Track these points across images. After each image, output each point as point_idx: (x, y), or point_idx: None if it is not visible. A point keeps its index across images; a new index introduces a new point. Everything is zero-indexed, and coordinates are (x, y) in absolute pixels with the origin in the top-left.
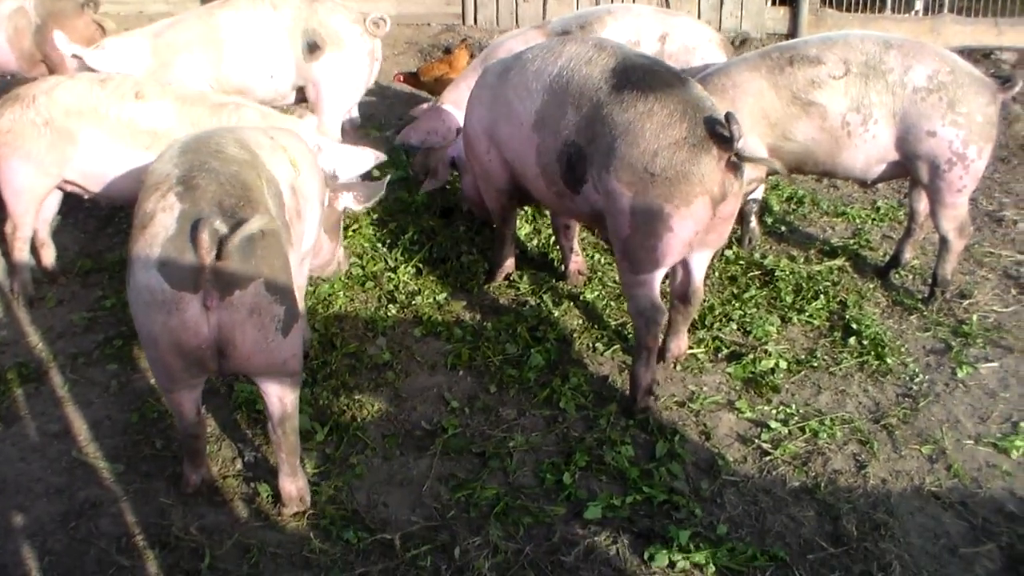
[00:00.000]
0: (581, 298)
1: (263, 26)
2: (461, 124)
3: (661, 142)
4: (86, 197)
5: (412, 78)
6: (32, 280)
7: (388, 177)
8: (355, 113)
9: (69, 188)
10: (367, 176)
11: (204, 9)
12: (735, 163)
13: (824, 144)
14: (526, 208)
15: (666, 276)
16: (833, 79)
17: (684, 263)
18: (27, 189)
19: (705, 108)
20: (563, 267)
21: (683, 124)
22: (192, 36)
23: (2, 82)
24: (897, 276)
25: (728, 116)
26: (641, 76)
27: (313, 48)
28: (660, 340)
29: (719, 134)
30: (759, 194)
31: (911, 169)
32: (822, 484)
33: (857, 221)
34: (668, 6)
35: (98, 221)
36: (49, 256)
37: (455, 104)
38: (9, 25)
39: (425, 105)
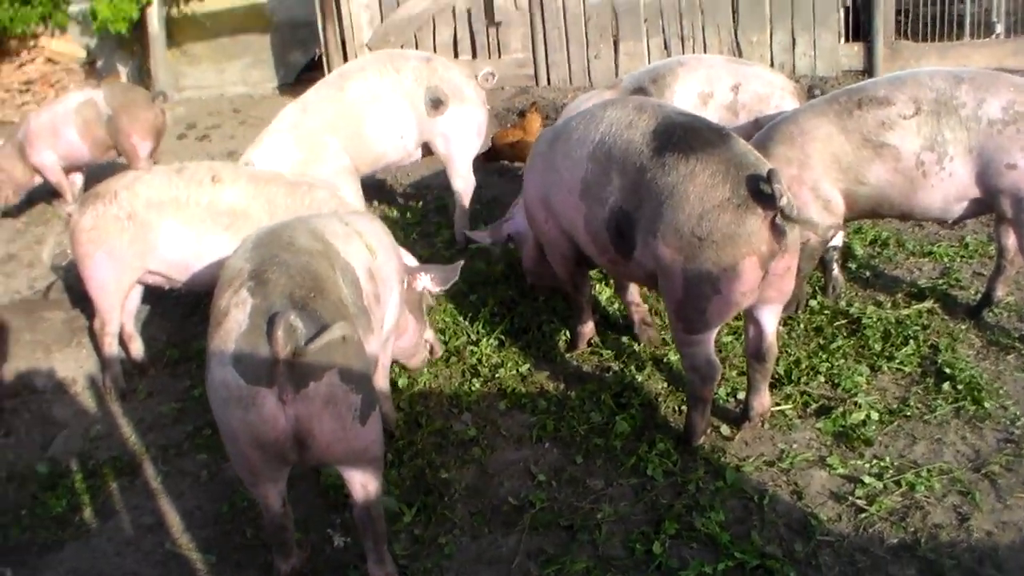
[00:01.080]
0: (664, 361)
1: (391, 91)
2: None
3: (706, 205)
4: (167, 287)
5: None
6: (122, 373)
7: (461, 262)
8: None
9: (152, 279)
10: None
11: (330, 88)
12: (780, 221)
13: (899, 186)
14: (603, 272)
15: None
16: (904, 119)
17: (755, 320)
18: (113, 283)
19: (748, 165)
20: (630, 322)
21: (726, 185)
22: (330, 118)
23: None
24: (991, 315)
25: (771, 173)
26: (682, 136)
27: (437, 104)
28: (714, 392)
29: (762, 192)
30: (839, 240)
31: (994, 204)
32: (922, 540)
33: (945, 260)
34: (740, 53)
35: (184, 309)
36: (137, 348)
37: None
38: (79, 118)
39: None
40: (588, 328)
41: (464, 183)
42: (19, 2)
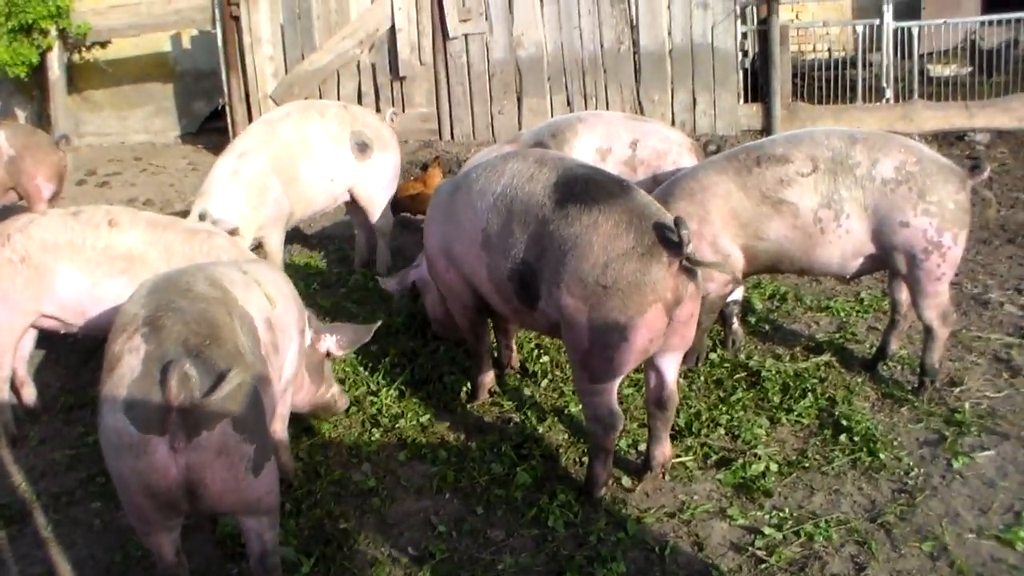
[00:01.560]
0: (566, 412)
1: (319, 135)
2: None
3: (610, 254)
4: (62, 331)
5: None
6: (14, 419)
7: (378, 323)
8: None
9: (47, 323)
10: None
11: (261, 134)
12: (687, 267)
13: (798, 241)
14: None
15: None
16: (802, 176)
17: (656, 368)
18: (5, 327)
19: (651, 215)
20: (499, 359)
21: (630, 234)
22: (269, 160)
23: None
24: (885, 368)
25: (677, 221)
26: (583, 188)
27: (364, 148)
28: (615, 443)
29: (668, 239)
30: (739, 295)
31: (888, 261)
32: None
33: (842, 314)
34: (642, 111)
35: (80, 355)
36: (30, 394)
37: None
38: None
39: None
40: (489, 378)
41: (386, 221)
42: None
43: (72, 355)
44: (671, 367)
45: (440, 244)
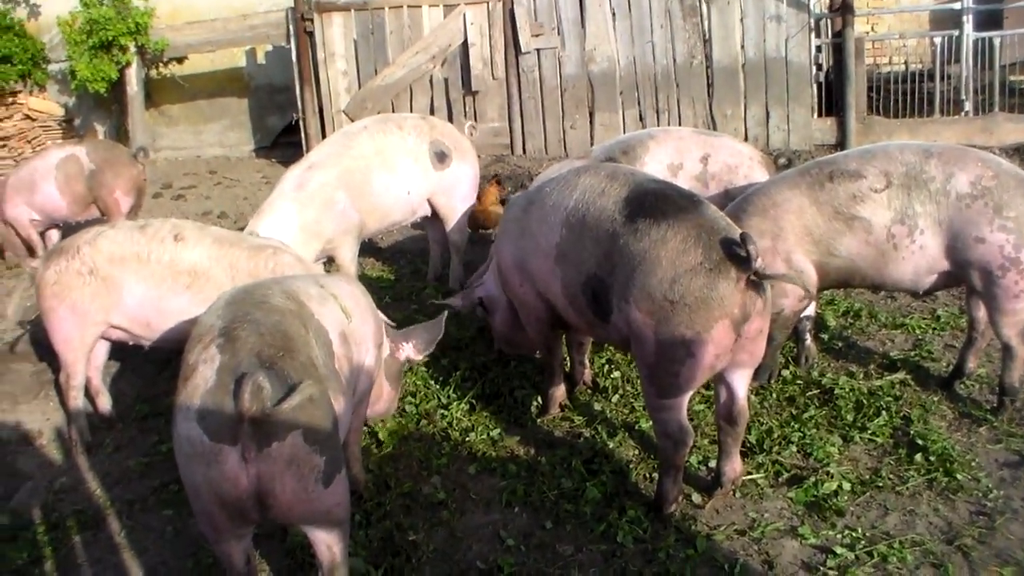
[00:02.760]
0: (636, 427)
1: (396, 147)
2: None
3: (678, 269)
4: (131, 343)
5: None
6: (89, 426)
7: (445, 314)
8: None
9: (116, 335)
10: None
11: (336, 145)
12: (756, 282)
13: (870, 258)
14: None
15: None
16: (875, 192)
17: (726, 384)
18: (76, 338)
19: (719, 230)
20: (570, 374)
21: (698, 249)
22: (338, 173)
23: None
24: (963, 387)
25: (744, 236)
26: (653, 203)
27: (442, 157)
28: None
29: (736, 255)
30: (811, 311)
31: (964, 277)
32: None
33: (917, 332)
34: (714, 126)
35: (155, 366)
36: (104, 402)
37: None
38: (60, 173)
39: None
40: (560, 392)
41: (461, 236)
42: None
43: (148, 365)
44: (741, 383)
45: (514, 259)
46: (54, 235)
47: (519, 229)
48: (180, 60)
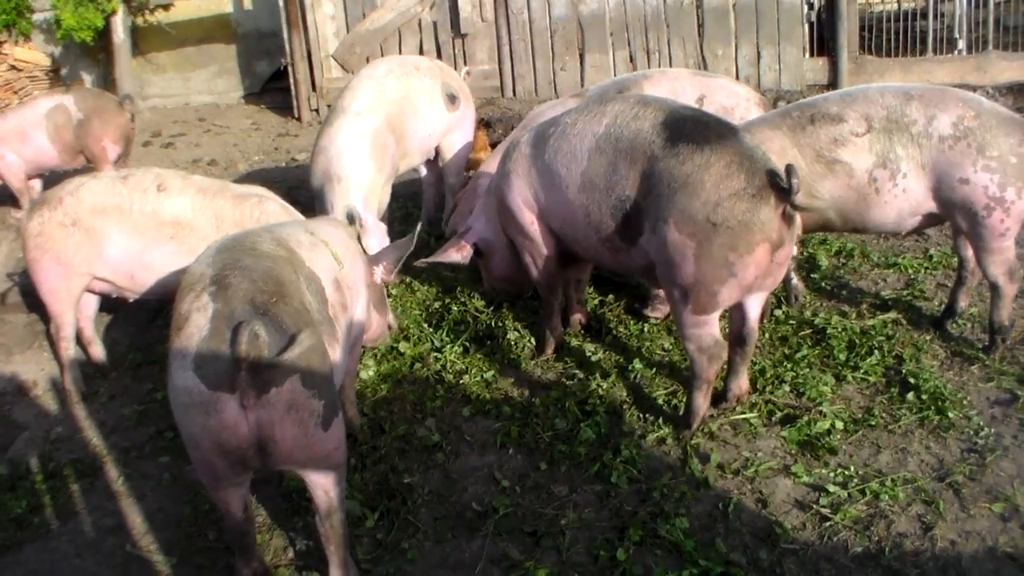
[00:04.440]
0: (630, 368)
1: (417, 89)
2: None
3: (722, 193)
4: (115, 296)
5: None
6: (83, 376)
7: (416, 232)
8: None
9: (100, 286)
10: None
11: (370, 91)
12: (789, 211)
13: (852, 202)
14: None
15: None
16: (856, 136)
17: (740, 306)
18: (62, 289)
19: (759, 158)
20: (565, 315)
21: (741, 175)
22: (383, 118)
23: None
24: (954, 326)
25: (789, 168)
26: (693, 128)
27: (453, 99)
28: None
29: (776, 184)
30: (794, 251)
31: (950, 218)
32: (887, 549)
33: (909, 271)
34: (705, 66)
35: (148, 314)
36: (97, 352)
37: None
38: (49, 123)
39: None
40: (558, 333)
41: (458, 179)
42: None
43: (140, 313)
44: (756, 306)
45: (524, 196)
46: (36, 185)
47: (528, 167)
48: (166, 7)
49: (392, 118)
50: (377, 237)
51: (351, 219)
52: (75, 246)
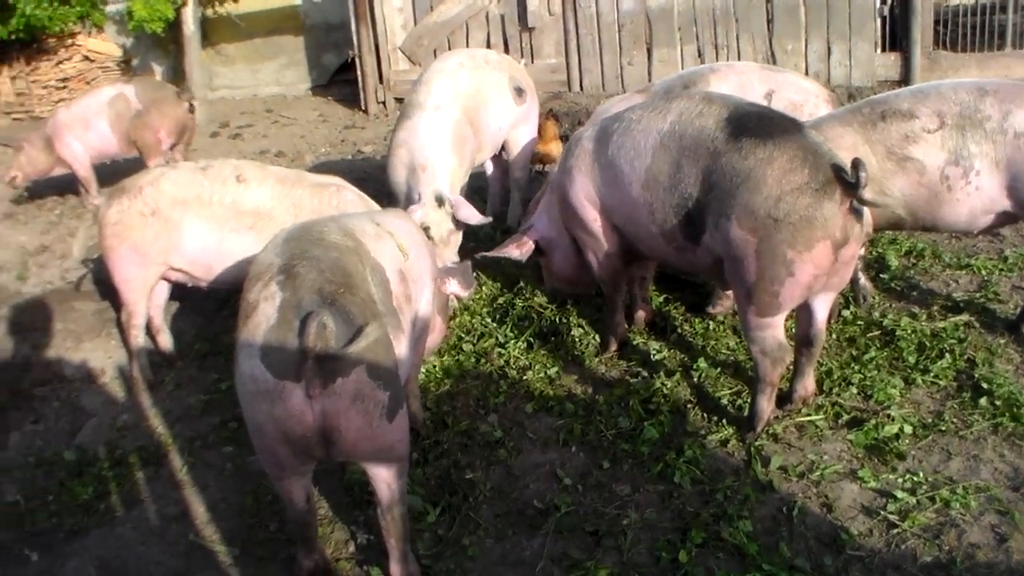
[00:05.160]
0: (694, 367)
1: (487, 81)
2: None
3: (784, 187)
4: (190, 285)
5: None
6: (150, 364)
7: (468, 262)
8: None
9: (175, 276)
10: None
11: (446, 84)
12: (856, 208)
13: (923, 199)
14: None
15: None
16: (928, 133)
17: (807, 306)
18: (137, 277)
19: (824, 153)
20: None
21: (804, 169)
22: (460, 111)
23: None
24: None
25: (856, 162)
26: (756, 123)
27: (520, 92)
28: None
29: (841, 178)
30: (861, 250)
31: None
32: (958, 559)
33: (983, 272)
34: (774, 61)
35: (215, 304)
36: (165, 341)
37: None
38: (111, 111)
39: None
40: (621, 330)
41: (524, 174)
42: (58, 1)
43: (207, 303)
44: (823, 306)
45: (588, 193)
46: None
47: (592, 163)
48: None
49: (468, 111)
50: (468, 209)
51: (440, 202)
52: (153, 236)
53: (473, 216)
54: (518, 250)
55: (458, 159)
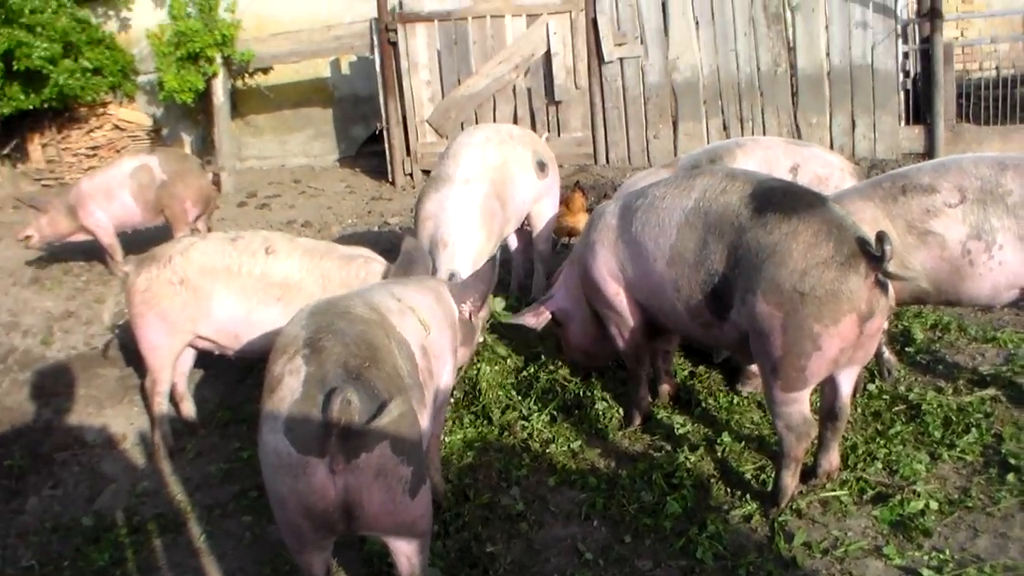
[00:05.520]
0: (718, 442)
1: (512, 156)
2: None
3: (809, 261)
4: (217, 353)
5: None
6: (172, 432)
7: (495, 263)
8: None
9: (203, 344)
10: None
11: (474, 157)
12: (881, 281)
13: (945, 273)
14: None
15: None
16: (949, 207)
17: (832, 380)
18: (164, 345)
19: (849, 226)
20: (653, 387)
21: (829, 243)
22: (489, 185)
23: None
24: None
25: (880, 235)
26: (781, 198)
27: (543, 166)
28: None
29: (867, 251)
30: (885, 324)
31: None
32: None
33: (1010, 346)
34: (799, 133)
35: (238, 372)
36: (188, 408)
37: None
38: (133, 182)
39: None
40: (645, 404)
41: (547, 246)
42: (91, 72)
43: (230, 371)
44: (848, 380)
45: (610, 267)
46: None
47: (616, 237)
48: (265, 71)
49: (496, 185)
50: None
51: (451, 276)
52: (181, 305)
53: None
54: (535, 319)
55: (486, 234)
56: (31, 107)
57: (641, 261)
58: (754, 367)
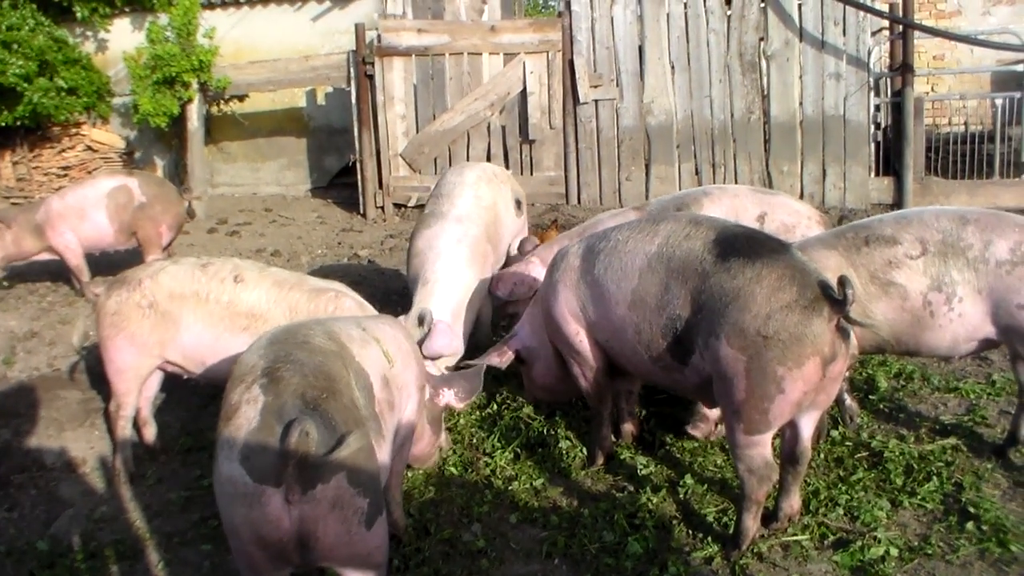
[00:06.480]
0: (681, 483)
1: (499, 196)
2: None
3: (773, 305)
4: (185, 377)
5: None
6: (133, 457)
7: (484, 365)
8: None
9: (170, 369)
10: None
11: (470, 197)
12: (843, 325)
13: (906, 324)
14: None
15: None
16: (910, 259)
17: (793, 424)
18: (131, 368)
19: (812, 271)
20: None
21: (793, 287)
22: (483, 227)
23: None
24: (1017, 454)
25: (842, 280)
26: (744, 244)
27: (519, 205)
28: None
29: (829, 296)
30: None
31: (1008, 344)
32: None
33: (971, 396)
34: (770, 180)
35: (201, 399)
36: (150, 434)
37: (543, 262)
38: (111, 202)
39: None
40: (608, 444)
41: None
42: (65, 91)
43: (193, 397)
44: (809, 424)
45: (571, 308)
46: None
47: (578, 278)
48: (241, 98)
49: (489, 226)
50: (443, 339)
51: (421, 320)
52: (150, 328)
53: (442, 348)
54: (499, 358)
55: (474, 274)
56: (3, 124)
57: (603, 303)
58: (707, 410)
